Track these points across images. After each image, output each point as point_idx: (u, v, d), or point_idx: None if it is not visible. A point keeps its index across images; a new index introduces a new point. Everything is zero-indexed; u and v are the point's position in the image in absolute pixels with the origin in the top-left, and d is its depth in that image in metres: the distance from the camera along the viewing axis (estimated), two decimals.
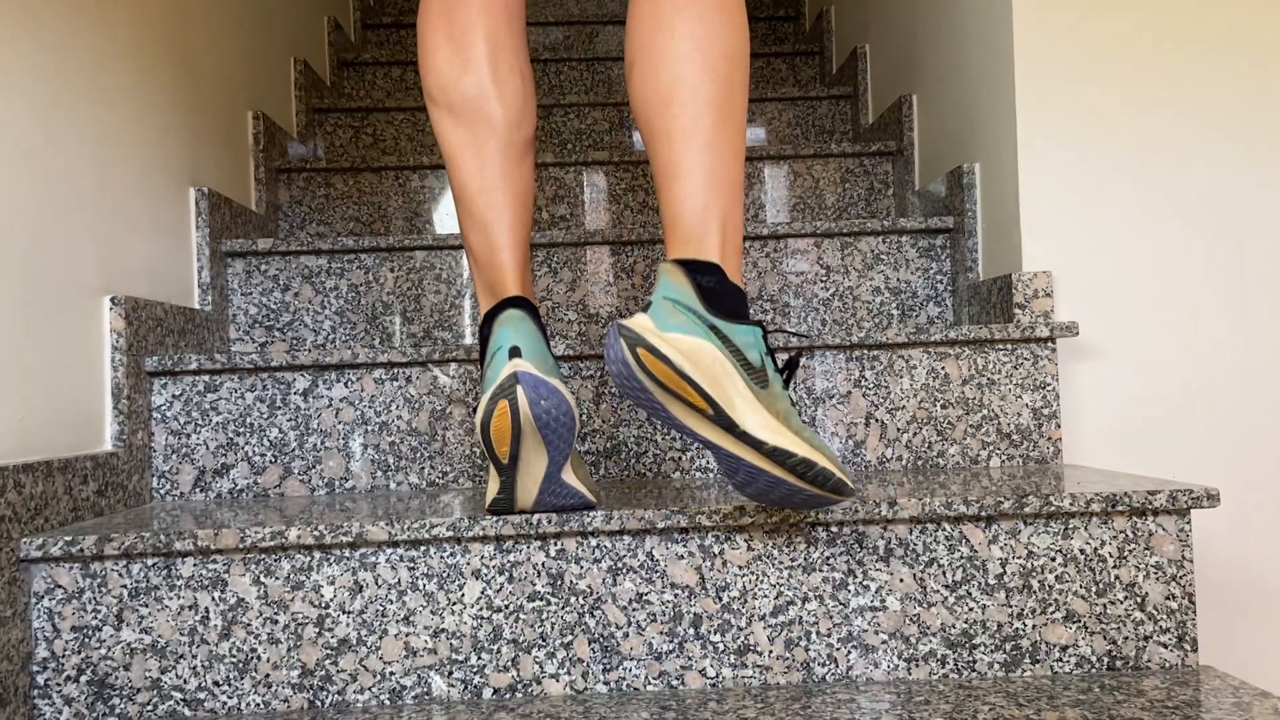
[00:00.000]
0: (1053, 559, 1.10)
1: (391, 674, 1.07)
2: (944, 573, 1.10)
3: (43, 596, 1.06)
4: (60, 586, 1.06)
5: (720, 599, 1.08)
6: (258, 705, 1.07)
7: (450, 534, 1.07)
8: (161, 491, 1.37)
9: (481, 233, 1.09)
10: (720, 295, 0.94)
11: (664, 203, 0.98)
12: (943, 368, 1.41)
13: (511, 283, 1.08)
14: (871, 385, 1.41)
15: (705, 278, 0.94)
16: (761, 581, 1.08)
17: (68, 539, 1.05)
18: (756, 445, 0.91)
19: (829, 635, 1.08)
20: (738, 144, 0.98)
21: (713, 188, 0.96)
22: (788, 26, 3.23)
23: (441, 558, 1.08)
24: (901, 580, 1.09)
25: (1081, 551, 1.10)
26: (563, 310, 1.76)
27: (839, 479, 0.94)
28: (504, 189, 1.08)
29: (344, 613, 1.07)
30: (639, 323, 0.92)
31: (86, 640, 1.06)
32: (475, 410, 1.05)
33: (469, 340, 1.77)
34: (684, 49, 0.97)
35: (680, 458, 1.40)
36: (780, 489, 0.93)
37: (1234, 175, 1.51)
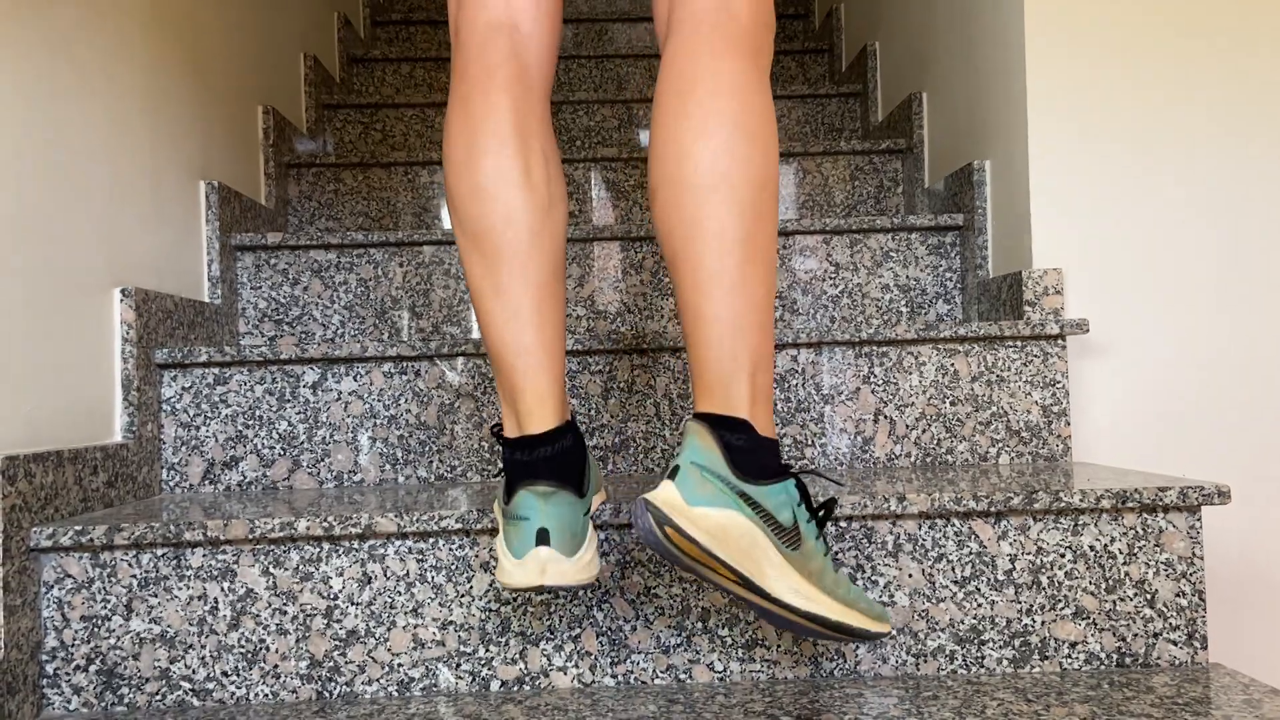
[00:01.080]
0: (1062, 555, 1.09)
1: (399, 665, 1.07)
2: (953, 568, 1.09)
3: (52, 586, 1.07)
4: (70, 576, 1.07)
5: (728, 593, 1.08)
6: (266, 695, 1.07)
7: (459, 526, 1.07)
8: (171, 483, 1.38)
9: (504, 369, 0.96)
10: (749, 455, 0.89)
11: (690, 346, 0.92)
12: (952, 364, 1.41)
13: (537, 414, 0.95)
14: (880, 382, 1.41)
15: (734, 436, 0.89)
16: None
17: (78, 529, 1.05)
18: (790, 610, 0.90)
19: None
20: (768, 281, 0.92)
21: (740, 333, 0.90)
22: (797, 24, 3.23)
23: (450, 550, 1.08)
24: (910, 575, 1.09)
25: (1091, 548, 1.10)
26: (571, 306, 1.76)
27: (873, 632, 0.93)
28: (536, 326, 0.96)
29: (352, 604, 1.08)
30: (666, 499, 0.87)
31: (96, 630, 1.06)
32: (496, 554, 1.01)
33: (477, 335, 1.77)
34: (709, 183, 0.90)
35: None
36: (815, 634, 0.94)
37: (1246, 171, 1.50)
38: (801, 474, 0.96)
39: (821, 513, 0.98)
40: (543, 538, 0.91)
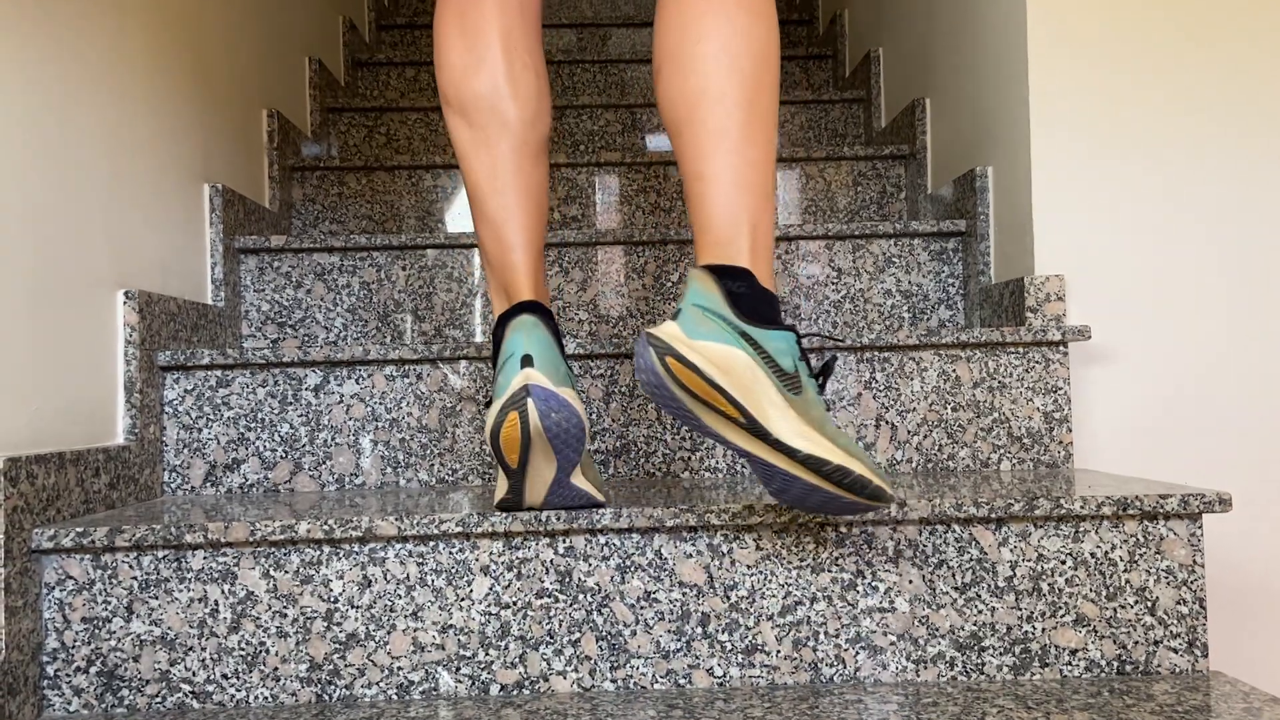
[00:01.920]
0: (1063, 562, 1.09)
1: (399, 669, 1.07)
2: (953, 575, 1.09)
3: (54, 587, 1.07)
4: (71, 577, 1.07)
5: (728, 598, 1.08)
6: (266, 698, 1.07)
7: (459, 530, 1.07)
8: (172, 485, 1.38)
9: (494, 233, 1.08)
10: (751, 300, 0.91)
11: (692, 207, 0.96)
12: (954, 370, 1.41)
13: (525, 285, 1.07)
14: (882, 387, 1.41)
15: (735, 283, 0.92)
16: (770, 581, 1.08)
17: (79, 530, 1.05)
18: (790, 453, 0.89)
19: (837, 636, 1.08)
20: (768, 146, 0.96)
21: (742, 191, 0.94)
22: (801, 30, 3.23)
23: (450, 553, 1.08)
24: (910, 582, 1.09)
25: (1092, 555, 1.10)
26: (574, 310, 1.76)
27: (876, 485, 0.91)
28: (517, 189, 1.07)
29: (353, 607, 1.08)
30: (667, 331, 0.90)
31: (96, 631, 1.07)
32: (486, 415, 1.04)
33: (480, 339, 1.77)
34: (710, 51, 0.95)
35: (689, 457, 1.40)
36: (816, 495, 0.91)
37: (1248, 179, 1.50)
38: (802, 335, 0.98)
39: (821, 375, 0.99)
40: (527, 361, 0.97)
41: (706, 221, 0.95)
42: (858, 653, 1.08)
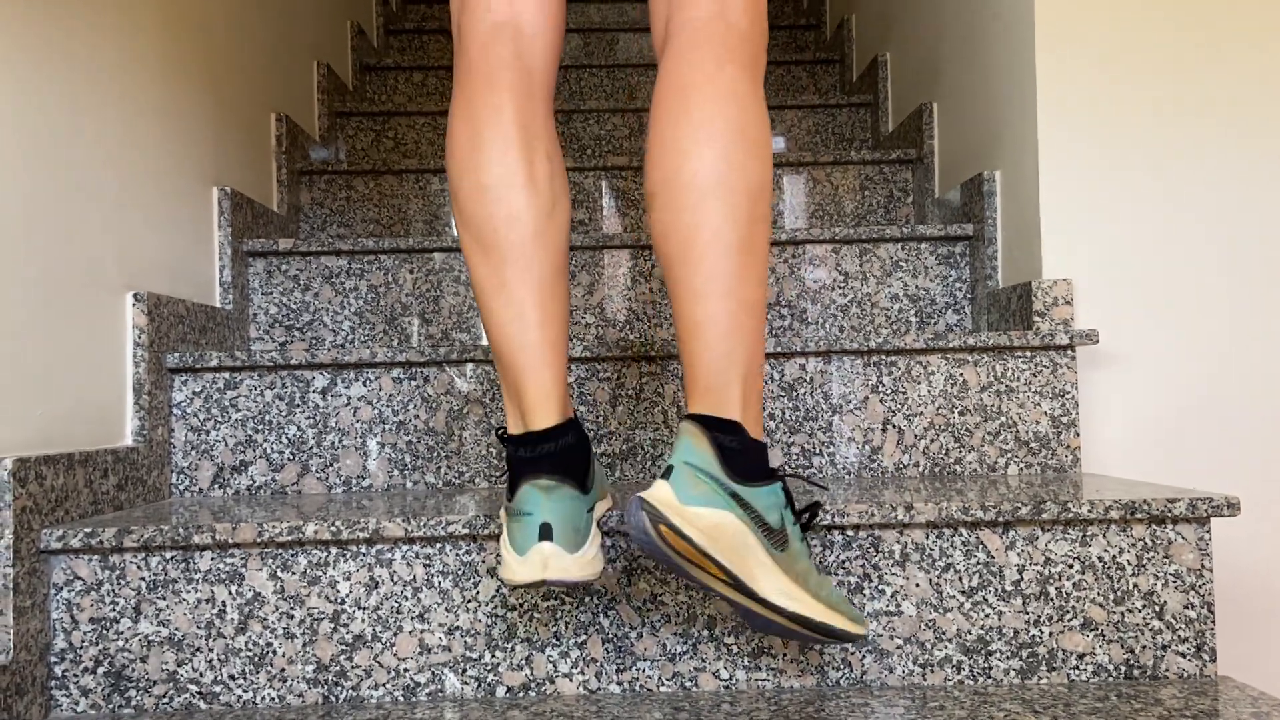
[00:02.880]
0: (1070, 566, 1.09)
1: (406, 670, 1.08)
2: (960, 578, 1.09)
3: (62, 588, 1.07)
4: (79, 578, 1.07)
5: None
6: (272, 699, 1.07)
7: (466, 532, 1.07)
8: (180, 487, 1.38)
9: (509, 364, 0.97)
10: (741, 457, 0.91)
11: (684, 349, 0.94)
12: (961, 374, 1.41)
13: (540, 411, 0.96)
14: (889, 391, 1.41)
15: (727, 438, 0.91)
16: None
17: (87, 531, 1.06)
18: (776, 610, 0.92)
19: None
20: (760, 287, 0.94)
21: (734, 338, 0.92)
22: (808, 35, 3.23)
23: (457, 555, 1.08)
24: (917, 585, 1.09)
25: (1100, 559, 1.09)
26: (580, 313, 1.77)
27: (853, 634, 0.95)
28: (540, 325, 0.97)
29: (359, 608, 1.08)
30: (661, 497, 0.89)
31: (104, 632, 1.07)
32: (501, 550, 0.99)
33: (485, 342, 1.78)
34: (706, 188, 0.92)
35: None
36: (796, 636, 0.96)
37: (1255, 182, 1.50)
38: (787, 477, 0.98)
39: (805, 516, 1.00)
40: (545, 532, 0.92)
41: (697, 368, 0.93)
42: (864, 656, 1.08)
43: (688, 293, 0.93)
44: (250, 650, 1.07)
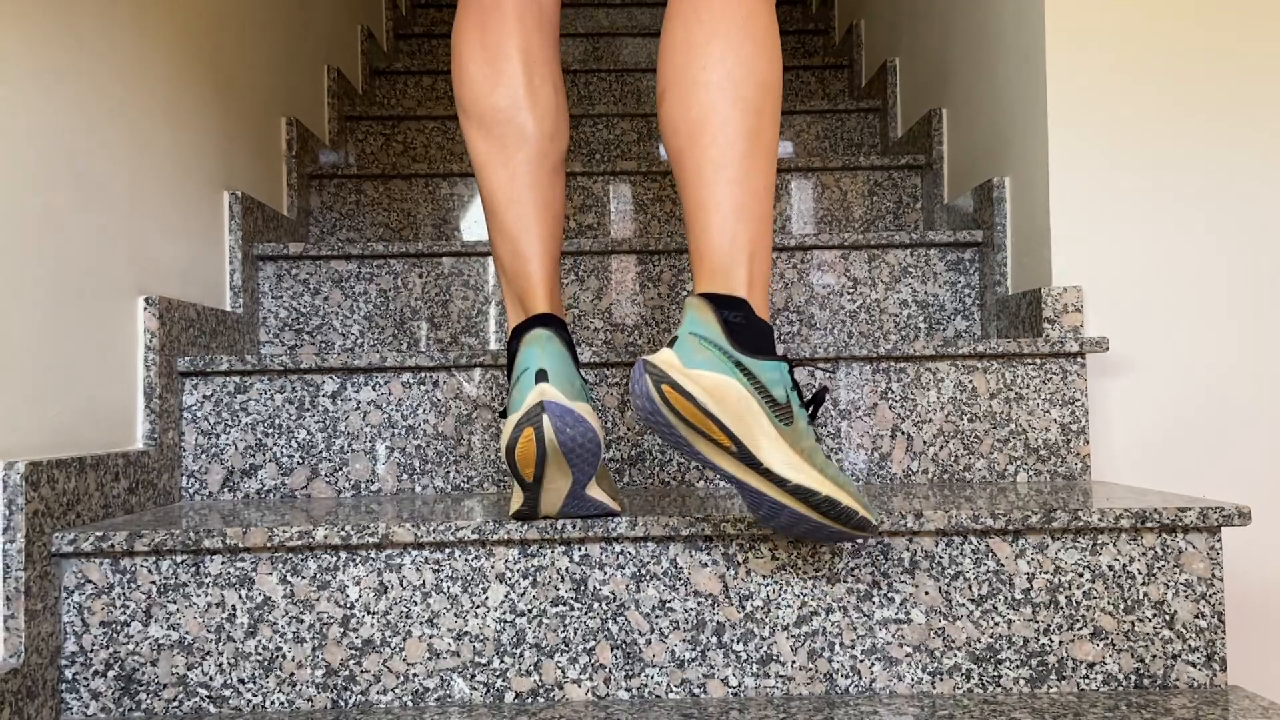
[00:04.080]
0: (1080, 575, 1.09)
1: (414, 675, 1.08)
2: (970, 586, 1.09)
3: (73, 591, 1.07)
4: (90, 581, 1.08)
5: (744, 608, 1.08)
6: (282, 704, 1.07)
7: (475, 537, 1.07)
8: (190, 491, 1.39)
9: (510, 244, 1.08)
10: (746, 331, 0.93)
11: (691, 234, 0.97)
12: (970, 381, 1.41)
13: (540, 297, 1.07)
14: (898, 398, 1.41)
15: (732, 313, 0.93)
16: (785, 591, 1.08)
17: (99, 534, 1.06)
18: (780, 483, 0.91)
19: (852, 647, 1.08)
20: (768, 176, 0.97)
21: (741, 220, 0.95)
22: (817, 40, 3.23)
23: (466, 560, 1.08)
24: (927, 593, 1.09)
25: (1110, 568, 1.09)
26: (589, 319, 1.77)
27: (862, 516, 0.93)
28: (534, 201, 1.08)
29: (369, 613, 1.08)
30: (664, 359, 0.91)
31: (115, 635, 1.07)
32: (501, 428, 1.04)
33: (495, 346, 1.78)
34: (715, 79, 0.96)
35: (705, 467, 1.40)
36: (804, 524, 0.93)
37: (1267, 189, 1.50)
38: (795, 363, 0.99)
39: (812, 406, 1.00)
40: (541, 376, 0.97)
41: (705, 250, 0.96)
42: (873, 664, 1.08)
43: (695, 177, 0.96)
44: (260, 654, 1.08)
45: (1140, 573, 1.09)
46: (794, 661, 1.08)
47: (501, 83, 1.08)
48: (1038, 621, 1.08)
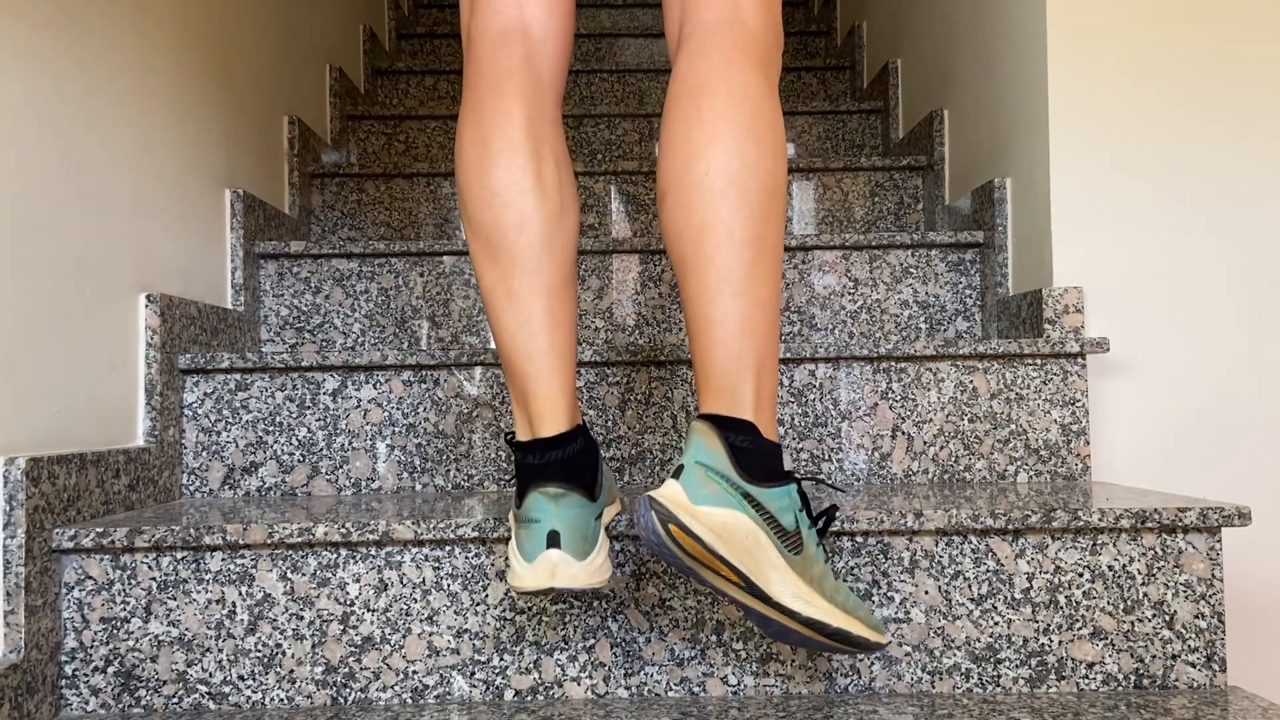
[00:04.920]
0: (1080, 575, 1.09)
1: (414, 673, 1.08)
2: (970, 586, 1.09)
3: (73, 587, 1.08)
4: (90, 578, 1.08)
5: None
6: (281, 700, 1.07)
7: (475, 535, 1.07)
8: (191, 488, 1.39)
9: (516, 372, 0.97)
10: (754, 456, 0.90)
11: (695, 349, 0.93)
12: (971, 381, 1.41)
13: (548, 417, 0.96)
14: (899, 398, 1.41)
15: (739, 437, 0.90)
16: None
17: (99, 531, 1.06)
18: (791, 615, 0.90)
19: None
20: (773, 285, 0.93)
21: (746, 335, 0.91)
22: (819, 41, 3.23)
23: (466, 558, 1.08)
24: (926, 592, 1.09)
25: (1110, 568, 1.09)
26: (590, 318, 1.77)
27: (871, 641, 0.93)
28: (545, 319, 0.96)
29: (369, 610, 1.08)
30: (671, 496, 0.88)
31: (115, 631, 1.07)
32: (509, 556, 0.98)
33: (495, 345, 1.78)
34: (718, 185, 0.91)
35: None
36: (813, 644, 0.93)
37: (1268, 190, 1.50)
38: (804, 480, 0.96)
39: (822, 521, 0.98)
40: (553, 540, 0.92)
41: (710, 367, 0.92)
42: (873, 663, 1.08)
43: (700, 291, 0.92)
44: (260, 651, 1.08)
45: (1140, 573, 1.09)
46: (793, 660, 1.08)
47: (499, 164, 0.97)
48: (1037, 621, 1.08)
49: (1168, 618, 1.08)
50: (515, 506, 0.96)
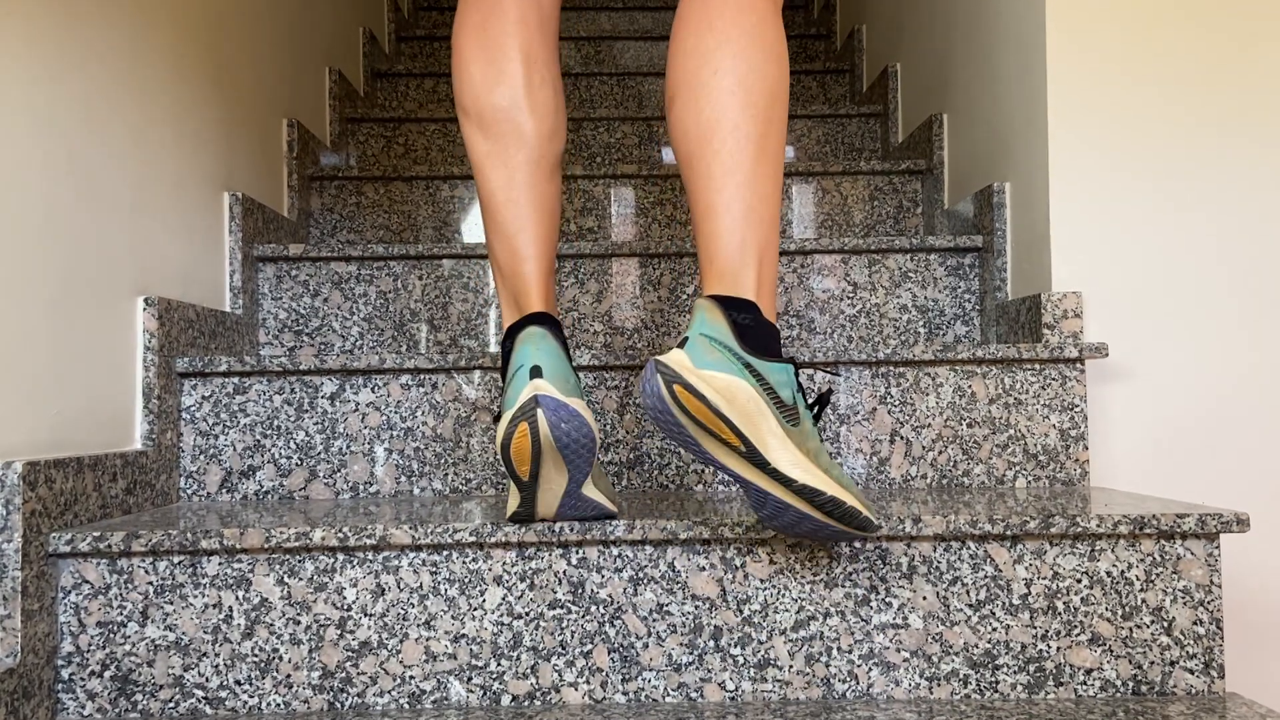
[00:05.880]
0: (1078, 580, 1.09)
1: (411, 678, 1.08)
2: (968, 592, 1.09)
3: (69, 591, 1.07)
4: (87, 582, 1.08)
5: (741, 612, 1.08)
6: (278, 705, 1.07)
7: (473, 539, 1.07)
8: (188, 491, 1.39)
9: (506, 243, 1.09)
10: (755, 333, 0.94)
11: (700, 237, 0.99)
12: (969, 386, 1.41)
13: (535, 296, 1.08)
14: (897, 402, 1.41)
15: (741, 315, 0.95)
16: (783, 595, 1.08)
17: (96, 535, 1.06)
18: (786, 482, 0.92)
19: (850, 651, 1.08)
20: (776, 180, 0.99)
21: (750, 224, 0.97)
22: (819, 44, 3.24)
23: (464, 563, 1.08)
24: (924, 598, 1.09)
25: (1108, 574, 1.09)
26: (589, 321, 1.77)
27: (864, 516, 0.95)
28: (531, 201, 1.09)
29: (366, 615, 1.08)
30: (676, 359, 0.92)
31: (111, 636, 1.07)
32: (496, 427, 1.04)
33: (494, 349, 1.78)
34: (726, 84, 0.98)
35: (703, 470, 1.40)
36: (807, 523, 0.95)
37: (1269, 195, 1.50)
38: (800, 365, 1.00)
39: (818, 407, 1.02)
40: (536, 372, 0.98)
41: (715, 253, 0.97)
42: (870, 669, 1.08)
43: (705, 182, 0.97)
44: (256, 656, 1.07)
45: (1138, 579, 1.09)
46: (791, 666, 1.08)
47: (501, 82, 1.09)
48: (1035, 627, 1.08)
49: (1166, 624, 1.08)
50: (501, 380, 1.02)
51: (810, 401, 1.00)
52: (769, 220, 0.98)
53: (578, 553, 1.08)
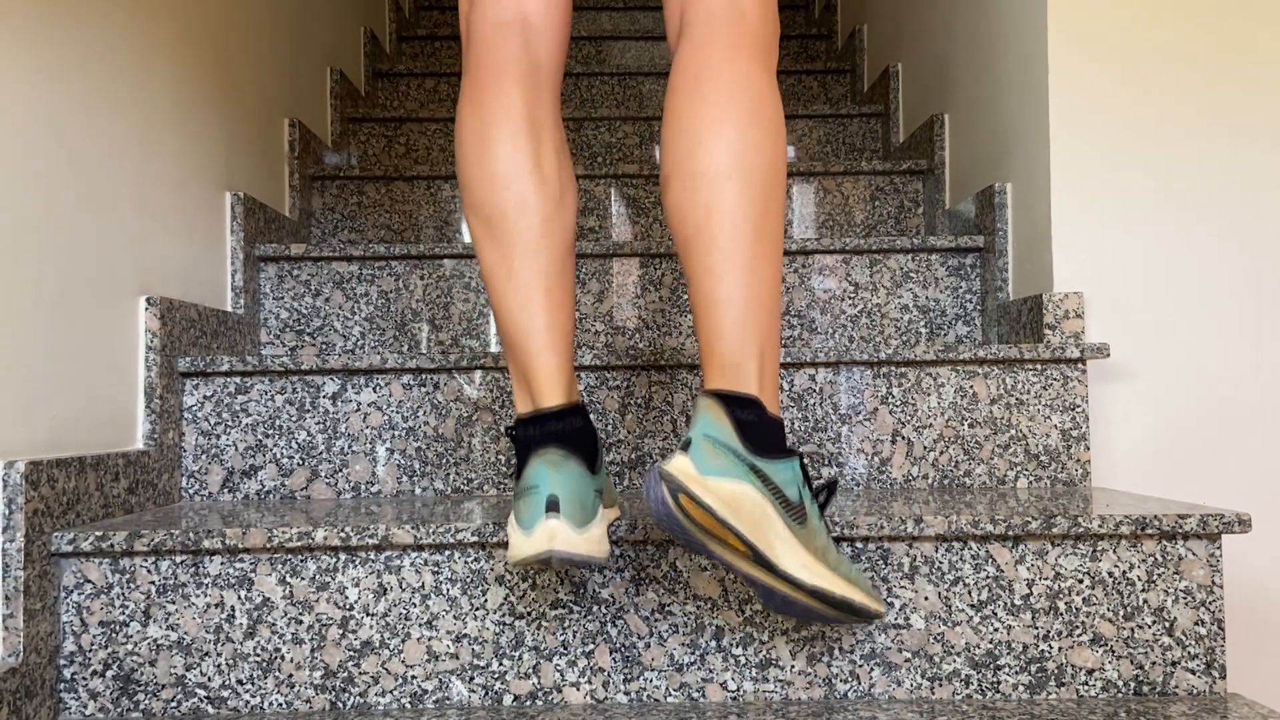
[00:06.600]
0: (1080, 581, 1.09)
1: (413, 677, 1.08)
2: (969, 592, 1.09)
3: (72, 591, 1.07)
4: (89, 581, 1.08)
5: (742, 612, 1.08)
6: (280, 705, 1.07)
7: (475, 539, 1.07)
8: (190, 491, 1.39)
9: (519, 343, 0.99)
10: (759, 430, 0.92)
11: (700, 328, 0.95)
12: (971, 386, 1.41)
13: (548, 392, 0.98)
14: (899, 403, 1.41)
15: (744, 412, 0.92)
16: None
17: (98, 534, 1.06)
18: (796, 585, 0.92)
19: (852, 652, 1.08)
20: (775, 265, 0.95)
21: (750, 314, 0.93)
22: (819, 44, 3.24)
23: (466, 563, 1.08)
24: (926, 598, 1.09)
25: (1109, 574, 1.09)
26: (590, 321, 1.77)
27: (872, 610, 0.95)
28: (544, 297, 0.99)
29: (368, 615, 1.08)
30: (680, 468, 0.89)
31: (114, 635, 1.07)
32: (508, 532, 0.97)
33: (495, 349, 1.78)
34: (722, 169, 0.93)
35: None
36: (817, 616, 0.95)
37: (1270, 196, 1.50)
38: (805, 455, 0.99)
39: (824, 495, 1.01)
40: (552, 505, 0.93)
41: (715, 346, 0.94)
42: (872, 669, 1.08)
43: (704, 271, 0.94)
44: (258, 655, 1.07)
45: (1140, 579, 1.09)
46: (793, 666, 1.08)
47: (499, 152, 1.00)
48: (1037, 628, 1.08)
49: (1167, 624, 1.08)
50: (515, 482, 0.97)
51: (816, 488, 0.98)
52: (769, 307, 0.94)
53: None
